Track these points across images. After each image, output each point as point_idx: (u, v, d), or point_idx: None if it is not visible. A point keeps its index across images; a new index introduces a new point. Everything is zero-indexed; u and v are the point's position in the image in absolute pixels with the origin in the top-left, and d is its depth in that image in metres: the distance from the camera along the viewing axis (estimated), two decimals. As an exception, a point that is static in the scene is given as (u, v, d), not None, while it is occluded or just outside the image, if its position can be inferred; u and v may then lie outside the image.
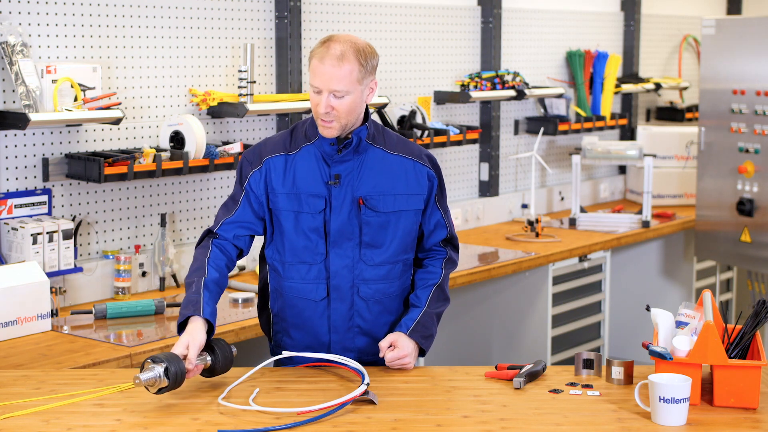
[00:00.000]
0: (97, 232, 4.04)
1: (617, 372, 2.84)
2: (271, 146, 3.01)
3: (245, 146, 4.29)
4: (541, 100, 6.05)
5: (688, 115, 6.86)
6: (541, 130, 5.82)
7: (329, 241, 2.95)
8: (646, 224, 5.66)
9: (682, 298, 6.05)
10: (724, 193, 5.54)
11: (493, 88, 5.47)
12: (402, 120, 5.13)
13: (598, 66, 6.25)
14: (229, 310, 3.88)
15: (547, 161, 6.07)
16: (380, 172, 2.97)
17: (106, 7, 3.98)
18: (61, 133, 3.90)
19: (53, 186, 3.89)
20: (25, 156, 3.81)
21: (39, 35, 3.80)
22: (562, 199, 6.23)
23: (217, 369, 2.76)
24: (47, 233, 3.72)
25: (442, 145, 5.15)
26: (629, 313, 5.97)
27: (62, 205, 3.93)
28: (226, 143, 4.34)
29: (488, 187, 5.76)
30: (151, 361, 2.61)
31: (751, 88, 5.38)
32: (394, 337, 2.97)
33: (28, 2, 3.76)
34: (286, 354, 2.92)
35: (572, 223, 5.68)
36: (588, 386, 2.81)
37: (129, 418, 2.55)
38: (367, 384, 2.69)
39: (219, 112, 4.31)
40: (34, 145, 3.83)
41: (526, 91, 5.58)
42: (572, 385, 2.83)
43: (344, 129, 2.91)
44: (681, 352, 2.67)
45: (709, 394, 2.69)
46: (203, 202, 4.40)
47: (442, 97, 5.41)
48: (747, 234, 5.47)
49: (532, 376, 2.87)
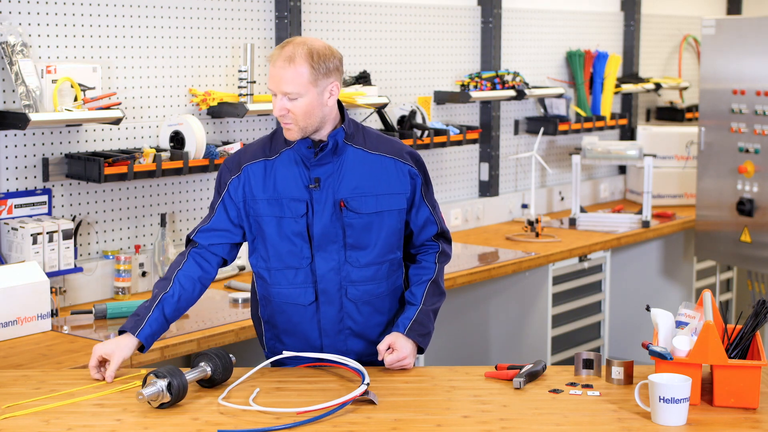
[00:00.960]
0: (97, 232, 4.04)
1: (617, 372, 2.84)
2: (250, 153, 2.99)
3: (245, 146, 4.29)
4: (541, 100, 6.05)
5: (688, 115, 6.85)
6: (541, 130, 5.82)
7: (314, 245, 2.93)
8: (646, 224, 5.66)
9: (682, 298, 6.05)
10: (724, 193, 5.54)
11: (493, 88, 5.47)
12: (402, 120, 5.12)
13: (598, 66, 6.25)
14: (229, 310, 3.87)
15: (547, 161, 6.07)
16: (360, 173, 2.94)
17: (106, 7, 3.99)
18: (61, 133, 3.90)
19: (53, 186, 3.89)
20: (25, 156, 3.81)
21: (39, 35, 3.80)
22: (562, 199, 6.23)
23: (217, 379, 2.76)
24: (47, 233, 3.72)
25: (442, 145, 5.15)
26: (629, 313, 5.96)
27: (62, 205, 3.93)
28: (226, 143, 4.34)
29: (488, 187, 5.76)
30: (153, 376, 2.61)
31: (751, 88, 5.38)
32: (392, 339, 2.95)
33: (28, 2, 3.76)
34: (287, 354, 2.92)
35: (572, 223, 5.68)
36: (588, 386, 2.81)
37: (129, 418, 2.55)
38: (367, 384, 2.69)
39: (219, 112, 4.31)
40: (34, 145, 3.83)
41: (526, 91, 5.58)
42: (572, 385, 2.83)
43: (305, 131, 2.88)
44: (681, 352, 2.67)
45: (709, 394, 2.69)
46: (203, 202, 4.40)
47: (442, 97, 5.41)
48: (747, 234, 5.47)
49: (532, 376, 2.87)
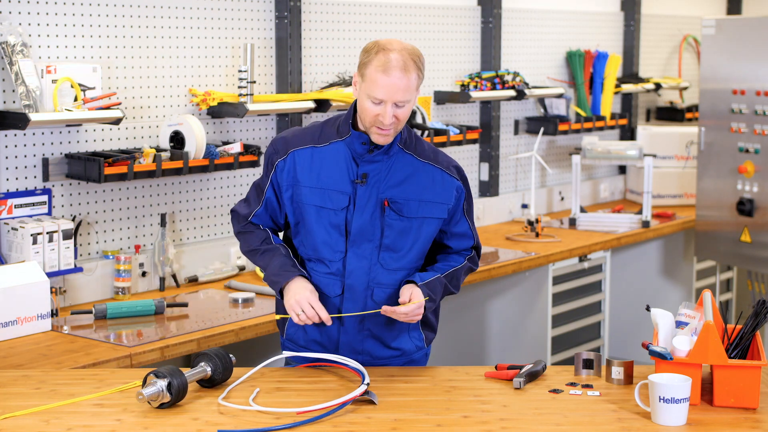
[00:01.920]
0: (97, 232, 4.04)
1: (617, 372, 2.84)
2: (298, 138, 2.98)
3: (245, 146, 4.29)
4: (541, 100, 6.04)
5: (688, 115, 6.85)
6: (541, 130, 5.82)
7: (349, 240, 2.93)
8: (646, 224, 5.66)
9: (682, 298, 6.05)
10: (724, 193, 5.54)
11: (493, 88, 5.47)
12: (402, 120, 5.12)
13: (598, 66, 6.25)
14: (229, 310, 3.87)
15: (547, 161, 6.07)
16: (408, 177, 2.94)
17: (106, 7, 3.98)
18: (61, 133, 3.90)
19: (53, 186, 3.89)
20: (25, 156, 3.81)
21: (39, 35, 3.80)
22: (562, 199, 6.23)
23: (217, 379, 2.76)
24: (47, 233, 3.72)
25: (442, 145, 5.14)
26: (629, 313, 5.96)
27: (62, 205, 3.93)
28: (226, 143, 4.34)
29: (488, 187, 5.76)
30: (153, 376, 2.61)
31: (751, 88, 5.38)
32: (411, 289, 2.91)
33: (28, 2, 3.76)
34: (286, 354, 2.92)
35: (572, 223, 5.68)
36: (588, 386, 2.81)
37: (129, 418, 2.55)
38: (367, 384, 2.69)
39: (219, 112, 4.31)
40: (34, 145, 3.83)
41: (526, 91, 5.57)
42: (572, 385, 2.83)
43: (397, 133, 2.90)
44: (681, 352, 2.67)
45: (709, 394, 2.69)
46: (203, 202, 4.40)
47: (442, 97, 5.41)
48: (747, 234, 5.47)
49: (532, 376, 2.87)
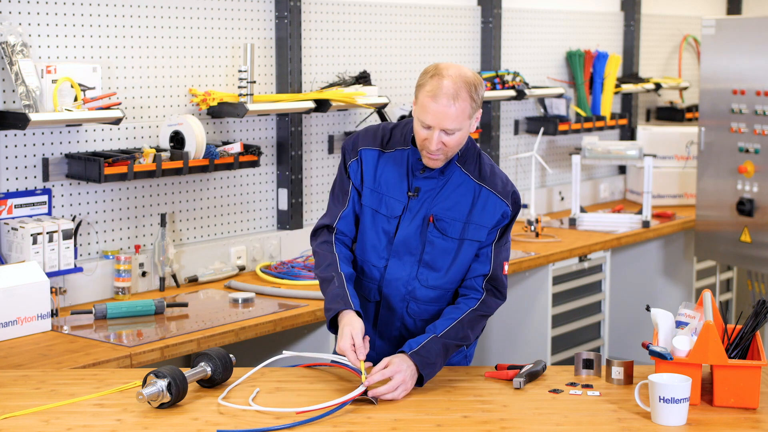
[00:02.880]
0: (97, 232, 4.04)
1: (617, 372, 2.84)
2: (369, 138, 2.97)
3: (245, 146, 4.29)
4: (541, 100, 6.04)
5: (688, 115, 6.85)
6: (541, 130, 5.82)
7: (392, 250, 2.92)
8: (646, 224, 5.66)
9: (682, 298, 6.04)
10: (724, 193, 5.54)
11: (493, 88, 5.47)
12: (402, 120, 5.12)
13: (598, 66, 6.25)
14: (229, 310, 3.87)
15: (547, 161, 6.06)
16: (458, 197, 2.90)
17: (106, 7, 3.98)
18: (61, 133, 3.90)
19: (53, 186, 3.89)
20: (25, 156, 3.81)
21: (39, 35, 3.80)
22: (562, 199, 6.23)
23: (217, 379, 2.76)
24: (47, 233, 3.72)
25: (442, 145, 5.14)
26: (629, 313, 5.96)
27: (62, 205, 3.93)
28: (226, 143, 4.34)
29: (488, 187, 5.75)
30: (153, 376, 2.61)
31: (751, 88, 5.38)
32: (390, 357, 2.75)
33: (28, 2, 3.76)
34: (286, 354, 2.93)
35: (572, 223, 5.68)
36: (588, 386, 2.81)
37: (129, 418, 2.55)
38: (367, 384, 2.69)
39: (219, 112, 4.31)
40: (34, 145, 3.83)
41: (526, 91, 5.57)
42: (572, 385, 2.83)
43: (448, 159, 2.86)
44: (681, 352, 2.67)
45: (709, 394, 2.69)
46: (203, 202, 4.40)
47: (442, 97, 5.40)
48: (747, 234, 5.47)
49: (532, 376, 2.87)
